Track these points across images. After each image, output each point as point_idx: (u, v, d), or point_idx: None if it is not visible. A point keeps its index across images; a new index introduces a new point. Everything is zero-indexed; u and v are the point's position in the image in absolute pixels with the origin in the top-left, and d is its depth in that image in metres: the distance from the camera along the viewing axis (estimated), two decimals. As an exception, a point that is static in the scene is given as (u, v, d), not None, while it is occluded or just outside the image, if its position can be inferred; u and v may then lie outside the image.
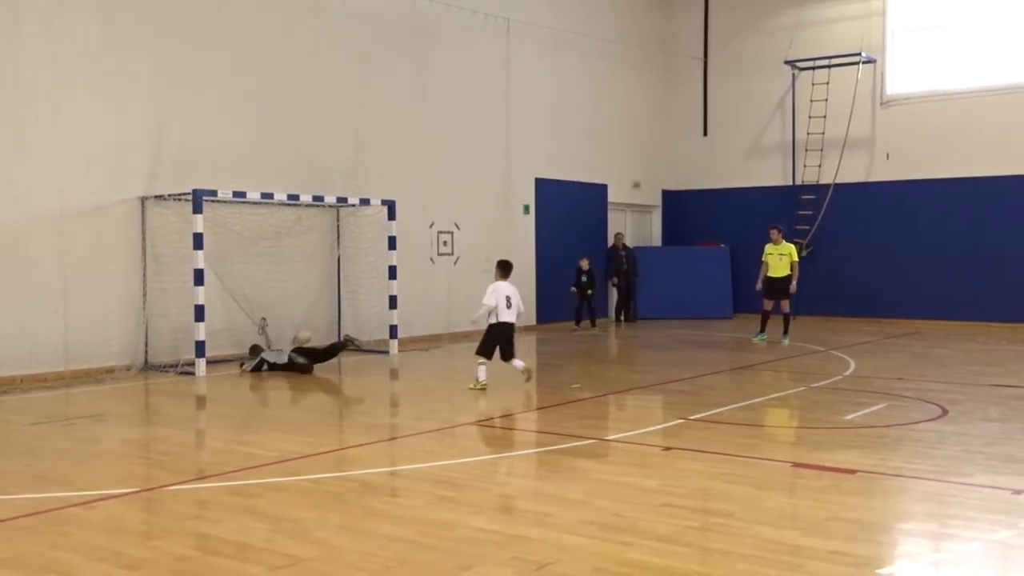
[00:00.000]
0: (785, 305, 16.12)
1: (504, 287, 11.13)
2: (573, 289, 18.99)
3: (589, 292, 18.91)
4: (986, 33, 19.09)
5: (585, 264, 18.94)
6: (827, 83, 20.38)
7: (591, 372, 13.15)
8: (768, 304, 16.19)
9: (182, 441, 8.74)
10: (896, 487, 6.67)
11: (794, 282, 15.97)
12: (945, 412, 9.30)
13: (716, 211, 22.08)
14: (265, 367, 12.82)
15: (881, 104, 20.12)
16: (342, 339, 13.72)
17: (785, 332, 16.08)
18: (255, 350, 13.15)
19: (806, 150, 20.86)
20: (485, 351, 11.03)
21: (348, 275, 15.37)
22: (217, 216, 13.42)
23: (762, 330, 16.24)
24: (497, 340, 11.05)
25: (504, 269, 11.35)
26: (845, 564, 4.91)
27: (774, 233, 16.37)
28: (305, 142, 14.72)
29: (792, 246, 16.43)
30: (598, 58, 20.44)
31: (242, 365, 12.94)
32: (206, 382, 11.94)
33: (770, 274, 16.15)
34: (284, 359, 12.81)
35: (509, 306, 11.04)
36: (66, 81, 12.09)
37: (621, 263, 20.61)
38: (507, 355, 11.11)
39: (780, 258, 16.08)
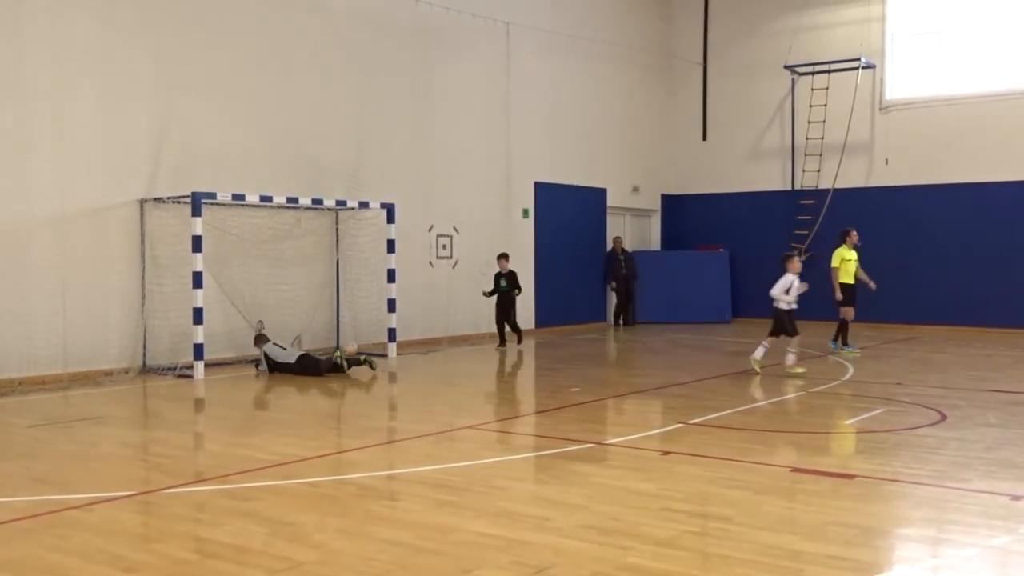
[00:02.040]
0: (852, 312, 15.11)
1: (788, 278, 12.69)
2: (485, 293, 16.49)
3: (515, 292, 16.42)
4: (986, 38, 19.11)
5: (505, 265, 16.50)
6: (827, 88, 20.40)
7: (590, 376, 13.14)
8: (851, 313, 15.00)
9: (181, 444, 8.74)
10: (895, 492, 6.67)
11: (872, 282, 15.13)
12: (944, 417, 9.30)
13: (715, 215, 22.09)
14: (262, 365, 12.85)
15: (880, 109, 20.15)
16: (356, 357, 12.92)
17: (837, 339, 15.17)
18: (260, 339, 13.18)
19: (805, 155, 20.88)
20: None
21: (347, 278, 15.37)
22: (216, 219, 13.42)
23: (846, 342, 15.09)
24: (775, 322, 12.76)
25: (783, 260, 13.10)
26: (844, 569, 4.91)
27: (855, 236, 15.10)
28: (305, 144, 14.72)
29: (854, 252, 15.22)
30: (598, 62, 20.46)
31: (258, 366, 13.03)
32: (204, 385, 11.93)
33: (849, 281, 14.91)
34: (292, 359, 12.77)
35: (787, 293, 12.64)
36: (66, 82, 12.09)
37: (620, 267, 20.63)
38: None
39: (855, 264, 14.99)
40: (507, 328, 16.47)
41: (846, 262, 14.96)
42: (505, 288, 16.33)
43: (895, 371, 12.99)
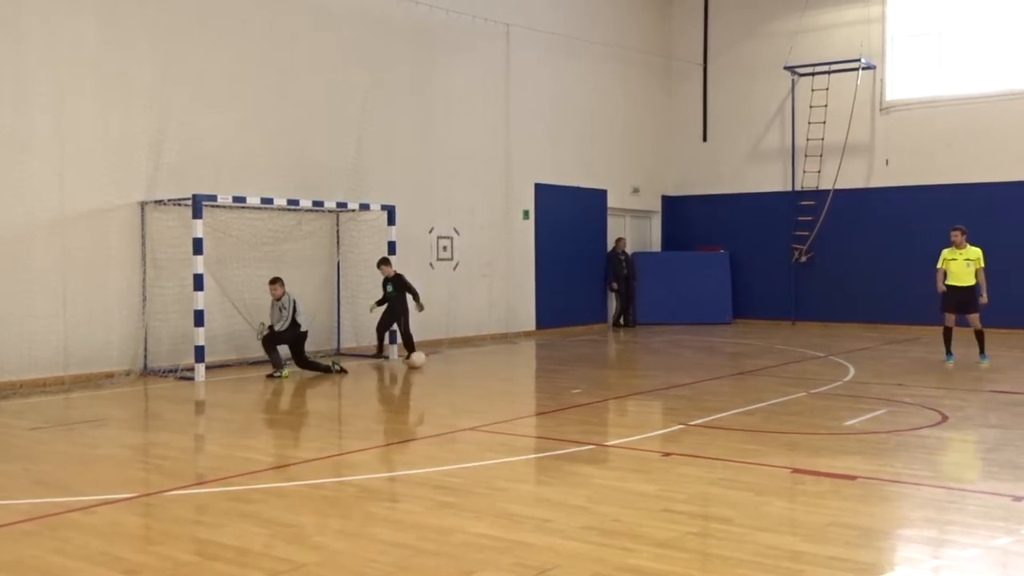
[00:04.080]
0: (975, 320, 13.76)
1: None
2: (373, 306, 14.58)
3: (418, 307, 14.30)
4: (985, 39, 19.11)
5: (389, 271, 14.40)
6: (827, 89, 20.39)
7: (591, 377, 13.15)
8: (951, 319, 13.83)
9: (181, 446, 8.74)
10: (896, 493, 6.67)
11: (984, 293, 13.73)
12: (945, 418, 9.30)
13: (715, 216, 22.07)
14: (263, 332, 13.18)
15: (881, 110, 20.14)
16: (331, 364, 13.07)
17: (982, 351, 13.82)
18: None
19: (805, 156, 20.87)
20: None
21: (347, 280, 15.37)
22: (217, 221, 13.42)
23: (949, 351, 13.84)
24: None
25: None
26: (845, 570, 4.91)
27: (956, 235, 13.87)
28: (305, 146, 14.72)
29: (978, 250, 13.82)
30: (598, 63, 20.46)
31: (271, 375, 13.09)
32: (205, 387, 11.94)
33: (953, 283, 13.76)
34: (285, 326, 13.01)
35: None
36: (66, 83, 12.09)
37: (621, 268, 20.63)
38: None
39: (967, 264, 13.70)
40: (387, 339, 14.63)
41: (947, 262, 13.89)
42: (392, 294, 14.33)
43: (896, 372, 12.99)
